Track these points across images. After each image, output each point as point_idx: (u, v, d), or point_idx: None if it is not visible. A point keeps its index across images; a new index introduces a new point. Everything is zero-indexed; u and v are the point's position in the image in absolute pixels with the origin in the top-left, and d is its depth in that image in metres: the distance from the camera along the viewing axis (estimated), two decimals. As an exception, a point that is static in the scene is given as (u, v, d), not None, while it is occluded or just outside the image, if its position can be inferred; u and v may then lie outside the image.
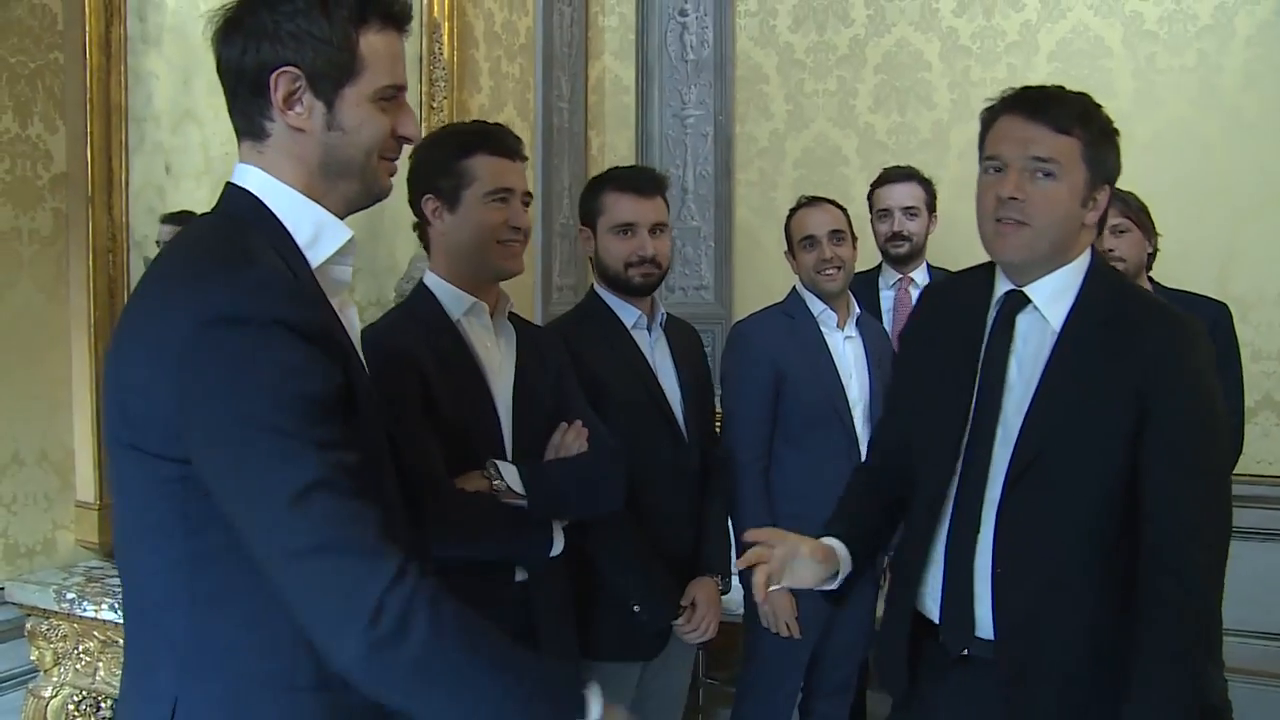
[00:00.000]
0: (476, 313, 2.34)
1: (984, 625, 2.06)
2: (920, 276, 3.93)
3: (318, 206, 1.52)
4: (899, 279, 3.89)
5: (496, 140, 2.34)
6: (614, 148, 5.21)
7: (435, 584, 1.34)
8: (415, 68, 3.85)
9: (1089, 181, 1.98)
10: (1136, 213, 3.39)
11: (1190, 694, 1.90)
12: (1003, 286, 2.10)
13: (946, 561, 2.10)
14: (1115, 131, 2.04)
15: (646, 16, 5.16)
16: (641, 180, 2.86)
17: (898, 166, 3.99)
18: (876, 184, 3.93)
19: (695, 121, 5.12)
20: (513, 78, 4.54)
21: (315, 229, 1.51)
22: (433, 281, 2.35)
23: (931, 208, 3.91)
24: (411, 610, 1.30)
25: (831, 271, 3.19)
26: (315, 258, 1.51)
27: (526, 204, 2.36)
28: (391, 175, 1.62)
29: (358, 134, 1.52)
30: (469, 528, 2.14)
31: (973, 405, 2.08)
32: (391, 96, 1.55)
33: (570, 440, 2.33)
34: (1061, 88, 2.07)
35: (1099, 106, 2.04)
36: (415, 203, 2.37)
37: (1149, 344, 1.95)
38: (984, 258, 2.19)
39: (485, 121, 2.49)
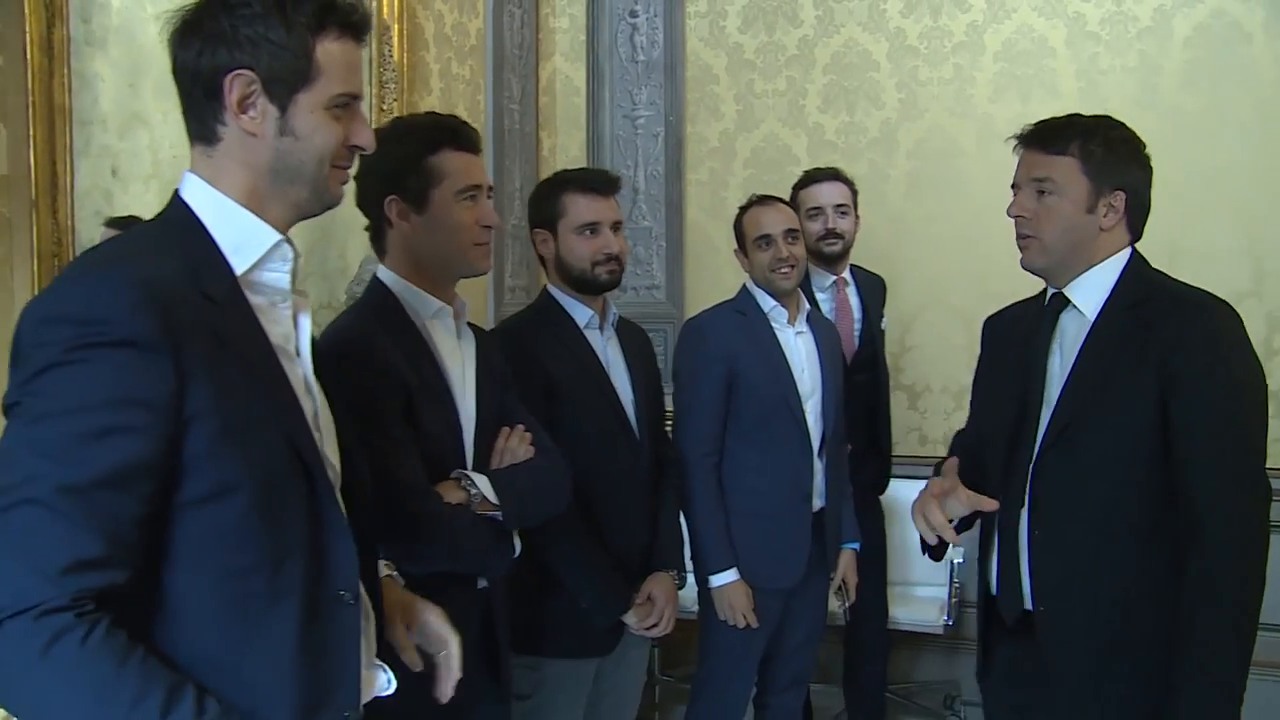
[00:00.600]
0: (442, 316, 2.27)
1: (1028, 596, 2.25)
2: (848, 276, 3.95)
3: (247, 213, 1.52)
4: (834, 280, 3.90)
5: (462, 135, 2.27)
6: (565, 149, 5.22)
7: (82, 622, 1.28)
8: (365, 70, 3.80)
9: (1092, 191, 2.19)
10: None
11: (1233, 677, 2.00)
12: (1051, 292, 2.33)
13: (999, 536, 2.30)
14: (1128, 142, 2.24)
15: (597, 18, 5.17)
16: (599, 180, 2.88)
17: (820, 167, 4.01)
18: (801, 184, 3.92)
19: (646, 122, 5.14)
20: (463, 79, 4.54)
21: (241, 235, 1.51)
22: (393, 281, 2.26)
23: (856, 207, 3.93)
24: (22, 641, 1.26)
25: (787, 270, 3.22)
26: (241, 264, 1.51)
27: (491, 199, 2.32)
28: (343, 184, 1.62)
29: (309, 141, 1.52)
30: (455, 543, 2.11)
31: (1024, 397, 2.28)
32: (346, 105, 1.55)
33: (515, 445, 2.29)
34: (1073, 115, 2.30)
35: (1111, 125, 2.26)
36: (373, 204, 2.25)
37: (1172, 323, 2.10)
38: (924, 253, 2.30)
39: (439, 114, 2.44)
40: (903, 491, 4.40)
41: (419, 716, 1.77)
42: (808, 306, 3.35)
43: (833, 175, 3.93)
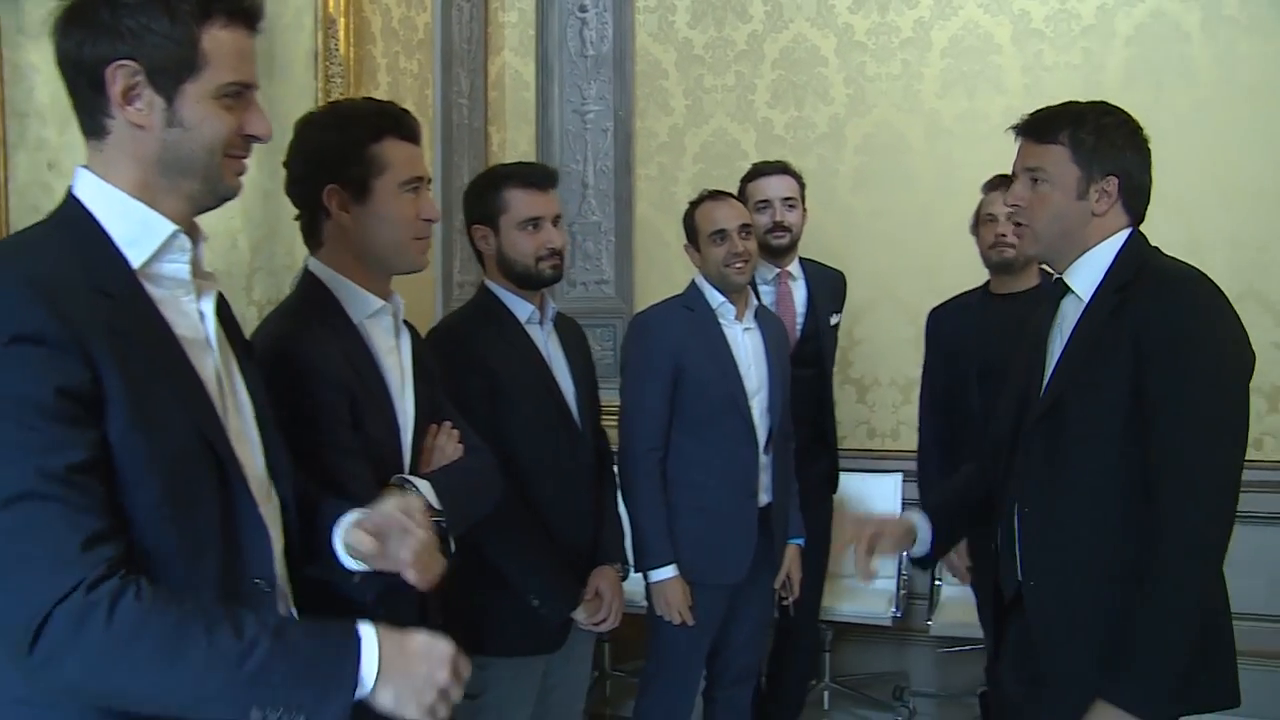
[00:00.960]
0: (380, 315, 2.16)
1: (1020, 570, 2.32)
2: (795, 269, 3.96)
3: (141, 205, 1.50)
4: (777, 273, 3.91)
5: (405, 124, 2.16)
6: (514, 144, 5.20)
7: (128, 584, 1.34)
8: (310, 64, 3.81)
9: (1083, 178, 2.21)
10: None
11: (1180, 645, 2.03)
12: (1055, 278, 2.35)
13: (1002, 514, 2.37)
14: (1121, 126, 2.25)
15: (546, 12, 5.16)
16: (539, 175, 2.86)
17: (768, 161, 4.02)
18: (749, 177, 3.93)
19: (595, 117, 5.13)
20: (411, 74, 4.51)
21: (135, 229, 1.50)
22: (328, 276, 2.13)
23: (804, 200, 3.95)
24: (84, 617, 1.30)
25: (740, 265, 3.23)
26: (138, 257, 1.49)
27: (430, 192, 2.24)
28: (240, 174, 1.59)
29: (199, 131, 1.50)
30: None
31: (1027, 381, 2.34)
32: (238, 94, 1.53)
33: (444, 443, 2.22)
34: (1066, 104, 2.32)
35: (1104, 110, 2.28)
36: (310, 193, 2.12)
37: (1147, 301, 2.12)
38: (872, 247, 2.30)
39: (379, 100, 2.30)
40: (851, 485, 4.45)
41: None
42: (755, 303, 3.36)
43: (781, 169, 3.94)
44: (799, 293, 3.95)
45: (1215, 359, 2.07)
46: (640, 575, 3.23)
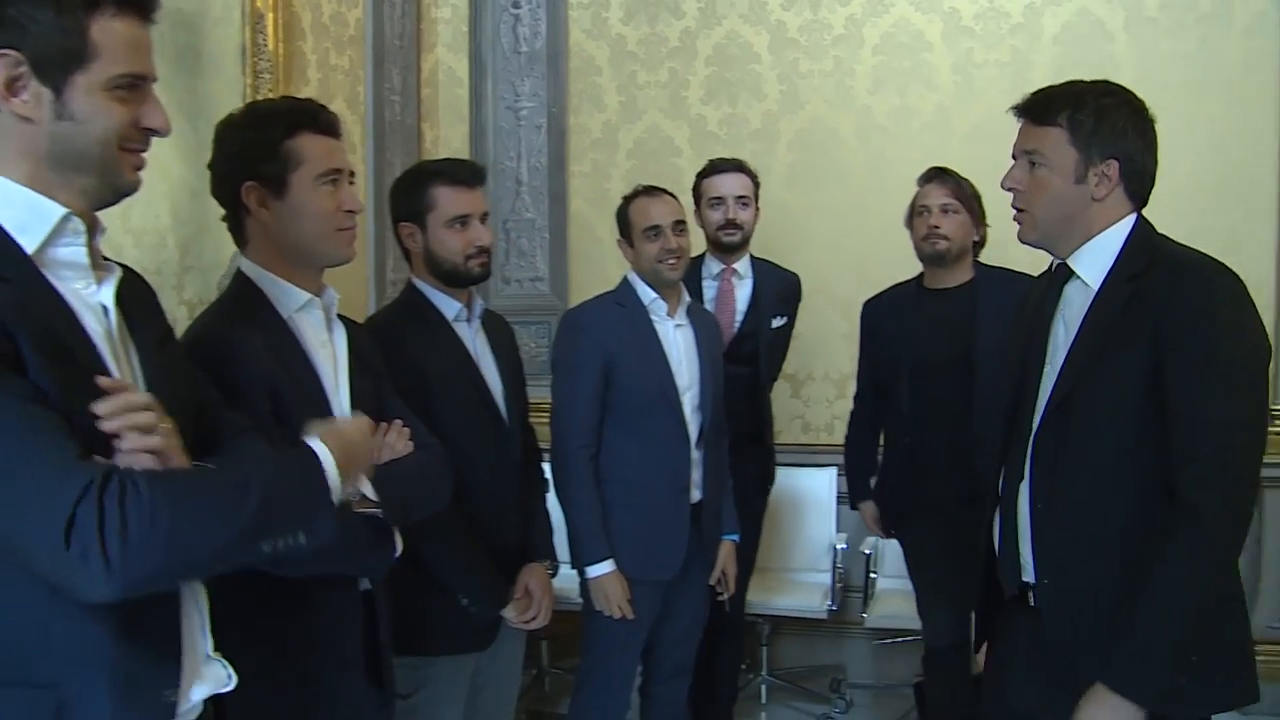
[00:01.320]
0: (310, 309, 2.17)
1: (1028, 567, 2.23)
2: (743, 268, 3.98)
3: (28, 191, 1.47)
4: (722, 269, 3.93)
5: (321, 118, 2.16)
6: (448, 141, 5.17)
7: (127, 476, 1.37)
8: (238, 60, 3.75)
9: (1081, 161, 2.14)
10: (968, 198, 3.53)
11: (1178, 631, 1.99)
12: (1056, 264, 2.30)
13: (1002, 508, 2.31)
14: (1122, 107, 2.16)
15: (479, 8, 5.13)
16: (467, 172, 2.84)
17: (725, 158, 4.03)
18: (705, 174, 3.95)
19: (529, 113, 5.12)
20: (342, 70, 4.46)
21: (25, 215, 1.47)
22: (255, 273, 2.15)
23: (757, 199, 3.97)
24: (105, 506, 1.33)
25: (674, 261, 3.23)
26: (30, 243, 1.47)
27: (353, 184, 2.24)
28: (138, 169, 1.56)
29: (90, 124, 1.47)
30: (338, 544, 2.04)
31: (1026, 368, 2.28)
32: (131, 85, 1.50)
33: (394, 440, 2.20)
34: (1068, 83, 2.23)
35: (1105, 91, 2.19)
36: (232, 192, 2.13)
37: (1164, 290, 2.06)
38: (805, 243, 2.27)
39: (296, 98, 2.35)
40: (787, 479, 4.47)
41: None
42: (688, 299, 3.36)
43: (736, 166, 3.95)
44: (742, 291, 3.96)
45: (1238, 351, 2.02)
46: (575, 572, 3.23)
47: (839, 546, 4.55)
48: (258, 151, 2.10)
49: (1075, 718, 2.04)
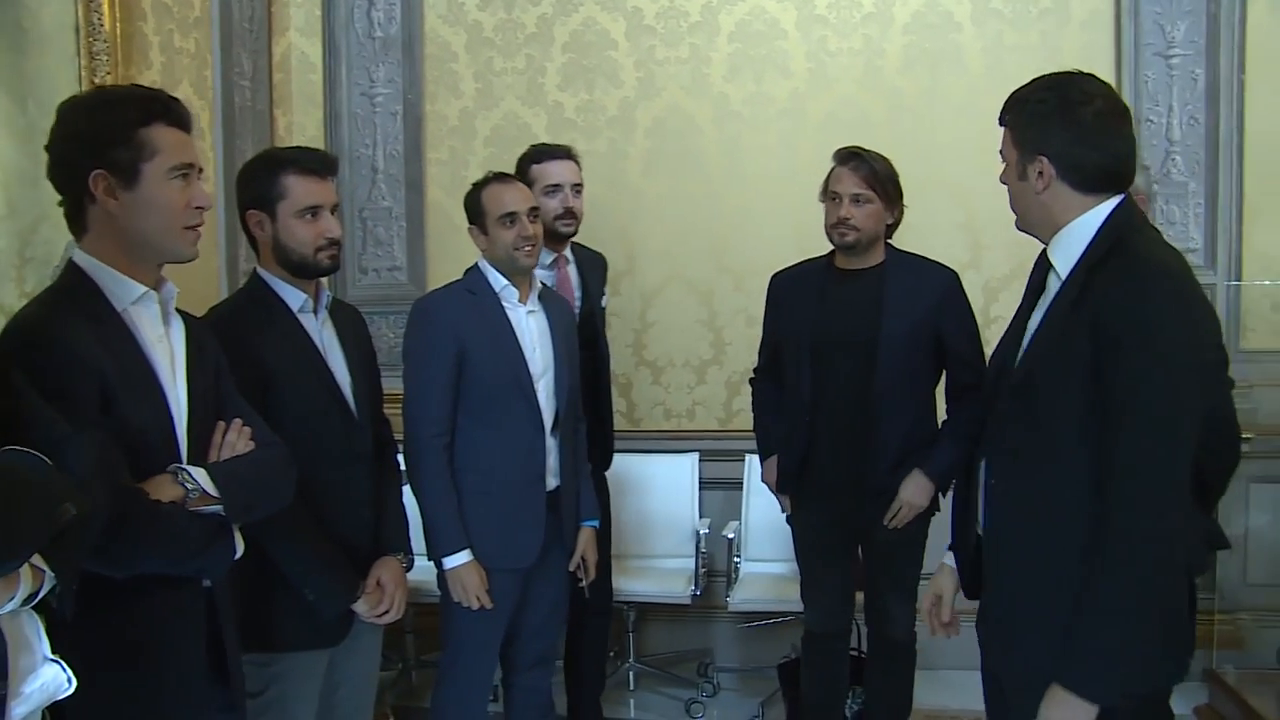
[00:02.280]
0: (145, 302, 2.10)
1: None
2: (568, 254, 3.94)
3: None
4: (555, 258, 3.87)
5: (175, 111, 2.10)
6: (302, 127, 5.05)
7: None
8: (71, 39, 3.59)
9: (1019, 159, 2.23)
10: (882, 182, 3.45)
11: (1126, 630, 2.03)
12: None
13: (963, 475, 2.49)
14: (1046, 102, 2.20)
15: (333, -7, 5.03)
16: (320, 162, 2.77)
17: (553, 144, 3.96)
18: (535, 160, 3.86)
19: (384, 100, 5.03)
20: (188, 53, 4.33)
21: None
22: (91, 265, 2.07)
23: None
24: None
25: (529, 248, 3.21)
26: None
27: (201, 179, 2.19)
28: None
29: None
30: (168, 544, 1.99)
31: (1004, 354, 2.37)
32: None
33: (233, 439, 2.18)
34: (1030, 81, 2.27)
35: (1041, 87, 2.22)
36: (74, 178, 2.04)
37: (1108, 285, 2.09)
38: (662, 230, 2.24)
39: (144, 86, 2.26)
40: (648, 466, 4.50)
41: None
42: (540, 285, 3.34)
43: (567, 153, 3.90)
44: (574, 276, 3.94)
45: (1168, 356, 2.03)
46: (433, 564, 3.19)
47: (702, 531, 4.59)
48: (109, 137, 2.03)
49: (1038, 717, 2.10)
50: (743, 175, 4.83)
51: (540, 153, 3.89)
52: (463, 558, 3.14)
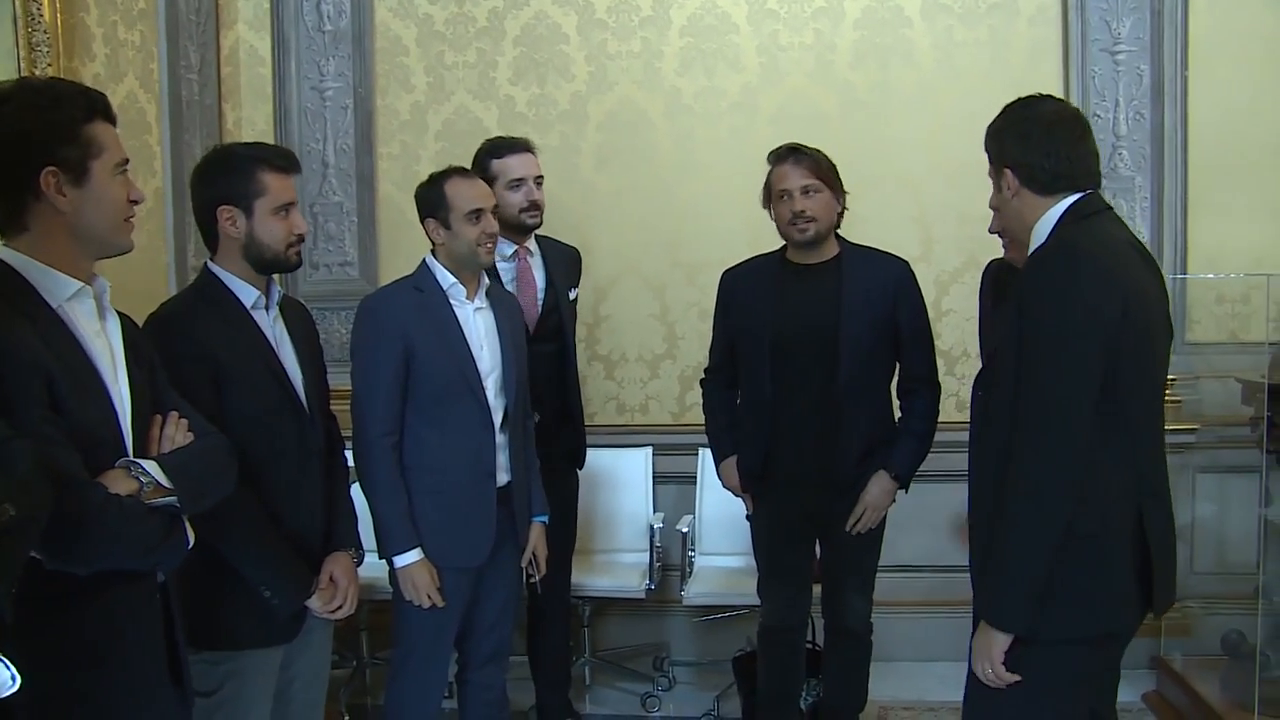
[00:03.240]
0: (81, 298, 2.08)
1: None
2: (532, 245, 3.93)
3: None
4: (515, 250, 3.87)
5: (109, 106, 2.12)
6: (251, 122, 5.00)
7: None
8: (10, 30, 3.51)
9: (995, 176, 2.57)
10: (826, 172, 3.50)
11: (1026, 568, 2.34)
12: None
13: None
14: (1008, 120, 2.55)
15: (282, -15, 4.98)
16: (289, 159, 2.79)
17: (513, 137, 3.95)
18: (497, 154, 3.84)
19: (335, 94, 4.99)
20: (132, 45, 4.27)
21: None
22: (22, 263, 2.02)
23: None
24: None
25: (490, 245, 3.22)
26: None
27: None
28: None
29: None
30: (130, 537, 1.97)
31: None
32: None
33: (172, 431, 2.17)
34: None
35: (1004, 112, 2.59)
36: (18, 177, 1.99)
37: (1026, 271, 2.43)
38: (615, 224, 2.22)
39: (70, 80, 2.26)
40: (601, 461, 4.49)
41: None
42: (487, 282, 3.33)
43: (526, 146, 3.89)
44: (538, 269, 3.93)
45: (1051, 322, 2.31)
46: (384, 562, 3.17)
47: (656, 526, 4.59)
48: (58, 135, 2.01)
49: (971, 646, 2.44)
50: (695, 169, 4.83)
51: (500, 147, 3.87)
52: (413, 556, 3.13)
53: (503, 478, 3.26)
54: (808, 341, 3.49)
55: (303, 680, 2.84)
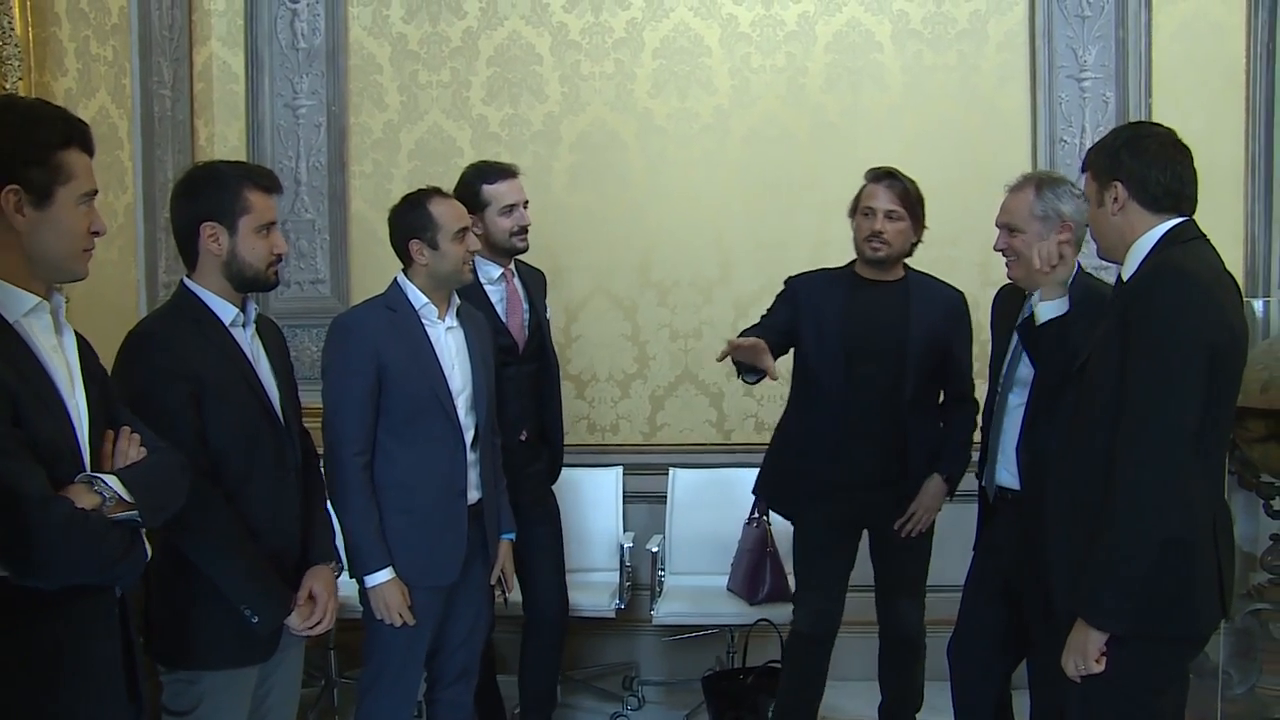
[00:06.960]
0: (38, 313, 2.08)
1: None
2: (512, 268, 3.94)
3: None
4: (502, 272, 3.87)
5: (88, 136, 2.14)
6: (224, 138, 5.00)
7: None
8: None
9: (1098, 190, 2.66)
10: (913, 203, 3.65)
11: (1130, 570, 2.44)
12: None
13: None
14: (1125, 138, 2.66)
15: (255, 2, 4.98)
16: (271, 178, 2.79)
17: (497, 163, 3.94)
18: (488, 180, 3.83)
19: (308, 112, 5.00)
20: (105, 61, 4.27)
21: None
22: None
23: None
24: None
25: (471, 265, 3.28)
26: None
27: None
28: None
29: None
30: (94, 552, 1.97)
31: None
32: None
33: (124, 446, 2.17)
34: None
35: (1117, 130, 2.78)
36: None
37: (1136, 287, 2.53)
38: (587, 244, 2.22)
39: (53, 104, 2.24)
40: (572, 480, 4.49)
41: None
42: (458, 301, 3.34)
43: (515, 172, 3.90)
44: (521, 290, 3.95)
45: (1164, 340, 2.39)
46: (354, 581, 3.17)
47: (626, 545, 4.60)
48: (25, 156, 2.02)
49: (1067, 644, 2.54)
50: (667, 190, 4.86)
51: (490, 172, 3.87)
52: (385, 575, 3.13)
53: (473, 495, 3.27)
54: (877, 353, 3.66)
55: (276, 698, 2.83)
